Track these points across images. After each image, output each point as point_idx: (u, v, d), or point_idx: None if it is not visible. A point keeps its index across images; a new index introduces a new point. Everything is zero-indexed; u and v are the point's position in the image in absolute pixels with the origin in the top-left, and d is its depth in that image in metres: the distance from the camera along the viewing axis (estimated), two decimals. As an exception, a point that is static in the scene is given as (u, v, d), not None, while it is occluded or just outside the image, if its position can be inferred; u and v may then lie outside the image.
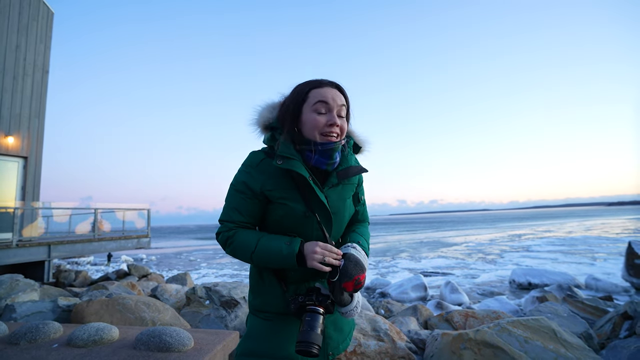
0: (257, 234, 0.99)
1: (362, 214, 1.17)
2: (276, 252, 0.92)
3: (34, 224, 8.89)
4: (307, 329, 0.85)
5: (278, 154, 0.97)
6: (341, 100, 0.99)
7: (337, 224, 1.04)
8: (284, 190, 0.98)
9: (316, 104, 0.97)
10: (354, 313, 0.97)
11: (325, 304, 0.92)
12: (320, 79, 1.02)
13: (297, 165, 0.95)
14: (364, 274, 0.93)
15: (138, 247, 10.13)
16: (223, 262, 20.15)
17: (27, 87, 9.15)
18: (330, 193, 1.02)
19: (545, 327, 2.34)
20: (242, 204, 1.01)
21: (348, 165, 1.04)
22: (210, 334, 1.94)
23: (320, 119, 0.96)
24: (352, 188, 1.09)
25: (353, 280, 0.90)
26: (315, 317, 0.88)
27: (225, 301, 3.60)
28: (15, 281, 3.58)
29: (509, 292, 10.05)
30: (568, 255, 17.89)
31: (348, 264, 0.92)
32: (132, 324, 2.72)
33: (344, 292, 0.93)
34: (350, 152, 1.09)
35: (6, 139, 8.56)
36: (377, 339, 2.54)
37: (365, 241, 1.07)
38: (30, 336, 1.73)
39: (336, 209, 1.02)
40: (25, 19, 9.16)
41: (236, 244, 0.98)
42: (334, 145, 0.98)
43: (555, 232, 34.84)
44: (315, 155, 0.98)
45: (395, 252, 23.21)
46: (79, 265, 18.26)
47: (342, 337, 1.06)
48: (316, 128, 0.97)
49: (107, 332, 1.76)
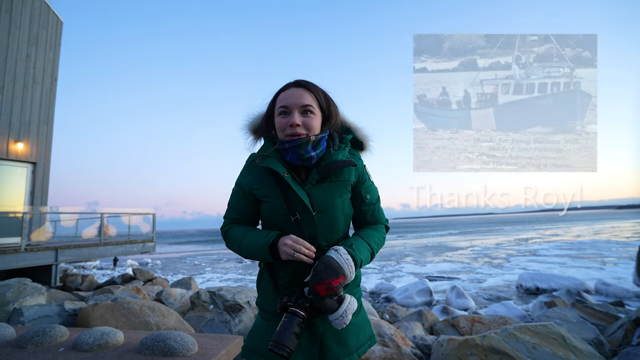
0: (245, 229, 1.05)
1: (372, 215, 1.11)
2: (254, 244, 0.98)
3: (42, 228, 9.00)
4: (281, 329, 0.86)
5: (258, 153, 1.05)
6: (303, 99, 1.00)
7: (325, 223, 1.00)
8: (268, 188, 1.02)
9: (279, 108, 1.02)
10: (342, 322, 0.90)
11: (304, 307, 0.90)
12: (290, 81, 1.06)
13: (273, 162, 0.99)
14: (339, 279, 0.89)
15: (143, 251, 10.20)
16: (228, 267, 20.17)
17: (36, 94, 9.32)
18: (314, 190, 1.00)
19: (554, 333, 2.30)
20: (236, 202, 1.10)
21: (332, 160, 1.01)
22: (214, 339, 1.94)
23: (282, 121, 1.01)
24: (345, 185, 1.04)
25: (324, 283, 0.87)
26: (291, 318, 0.87)
27: (229, 306, 3.60)
28: (23, 285, 3.62)
29: (516, 297, 9.91)
30: (577, 260, 17.62)
31: (319, 265, 0.90)
32: (137, 328, 2.73)
33: (319, 296, 0.88)
34: (343, 147, 1.06)
35: (16, 145, 8.70)
36: (381, 344, 2.52)
37: (366, 243, 1.01)
38: (37, 340, 1.74)
39: (322, 207, 1.00)
40: (35, 29, 9.35)
41: (229, 238, 1.07)
42: (299, 142, 0.99)
43: (562, 236, 34.36)
44: (289, 152, 1.01)
45: (400, 256, 23.04)
46: (86, 270, 18.40)
47: (346, 350, 1.02)
48: (281, 130, 1.02)
49: (112, 336, 1.77)
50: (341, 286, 0.90)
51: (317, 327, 1.00)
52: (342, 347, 1.01)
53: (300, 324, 0.88)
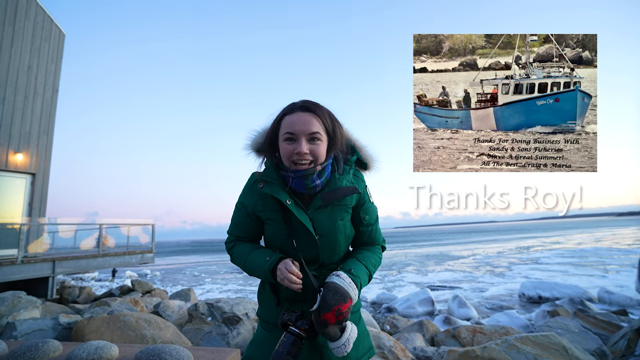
0: (249, 248, 1.06)
1: (370, 235, 1.11)
2: (258, 266, 0.99)
3: (40, 240, 8.94)
4: (280, 349, 0.87)
5: (260, 178, 1.03)
6: (311, 126, 0.96)
7: (327, 247, 1.01)
8: (272, 211, 1.03)
9: (285, 133, 0.97)
10: (344, 351, 0.89)
11: (303, 328, 0.90)
12: (295, 102, 1.01)
13: (275, 190, 0.99)
14: (347, 303, 0.88)
15: (142, 262, 10.11)
16: (227, 278, 19.99)
17: (37, 105, 9.38)
18: (316, 215, 1.01)
19: (556, 343, 2.26)
20: (240, 221, 1.10)
21: (336, 186, 1.01)
22: (210, 352, 1.91)
23: (288, 147, 0.97)
24: (346, 209, 1.05)
25: (333, 310, 0.86)
26: (290, 338, 0.88)
27: (227, 317, 3.55)
28: (17, 298, 3.57)
29: (519, 306, 9.81)
30: (579, 268, 17.49)
31: (326, 293, 0.89)
32: (133, 341, 2.68)
33: (327, 325, 0.87)
34: (347, 170, 1.06)
35: (15, 156, 8.72)
36: (381, 356, 2.48)
37: (363, 267, 1.01)
38: (30, 355, 1.71)
39: (325, 231, 1.00)
40: (37, 41, 9.47)
41: (234, 255, 1.09)
42: (305, 173, 0.97)
43: (564, 244, 34.19)
44: (293, 181, 0.99)
45: (401, 265, 22.87)
46: (84, 281, 18.22)
47: None
48: (286, 157, 0.98)
49: (107, 350, 1.74)
50: (349, 311, 0.89)
51: (318, 338, 1.00)
52: (342, 358, 1.01)
53: (297, 344, 0.88)
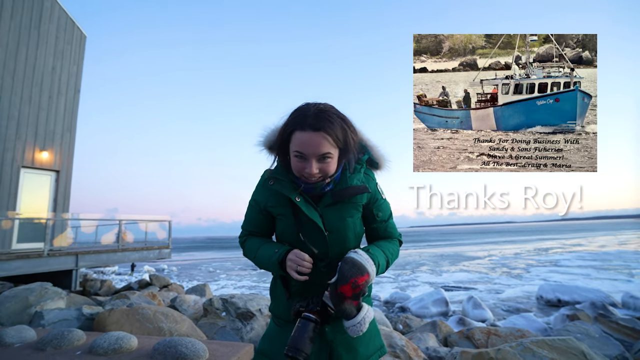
0: (259, 242, 1.09)
1: (386, 231, 1.12)
2: (267, 258, 1.02)
3: (64, 234, 9.32)
4: (296, 334, 0.87)
5: (271, 175, 1.06)
6: (321, 148, 0.93)
7: (336, 243, 1.03)
8: (283, 207, 1.05)
9: (295, 151, 0.96)
10: (359, 330, 0.89)
11: (316, 310, 0.91)
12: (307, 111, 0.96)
13: (285, 187, 1.01)
14: (364, 277, 0.88)
15: (159, 257, 10.40)
16: (242, 274, 20.29)
17: (60, 105, 9.76)
18: (326, 211, 1.03)
19: (574, 348, 2.21)
20: (252, 216, 1.14)
21: (347, 185, 1.02)
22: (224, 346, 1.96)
23: (299, 165, 0.97)
24: (356, 207, 1.06)
25: (350, 282, 0.87)
26: (305, 323, 0.88)
27: (241, 313, 3.62)
28: (44, 289, 3.75)
29: (537, 309, 9.56)
30: (601, 271, 16.87)
31: (343, 266, 0.90)
32: (151, 333, 2.78)
33: (344, 299, 0.88)
34: (358, 169, 1.07)
35: (41, 154, 9.10)
36: (393, 355, 2.48)
37: (380, 250, 1.02)
38: (56, 343, 1.80)
39: (334, 228, 1.02)
40: (61, 44, 9.85)
41: (246, 249, 1.14)
42: (314, 185, 0.99)
43: (585, 246, 33.02)
44: (303, 184, 1.01)
45: (415, 265, 22.64)
46: (104, 275, 18.87)
47: (356, 359, 1.02)
48: (296, 171, 0.99)
49: (126, 341, 1.81)
50: (366, 284, 0.89)
51: (327, 334, 1.01)
52: (351, 355, 1.02)
53: (314, 329, 0.88)
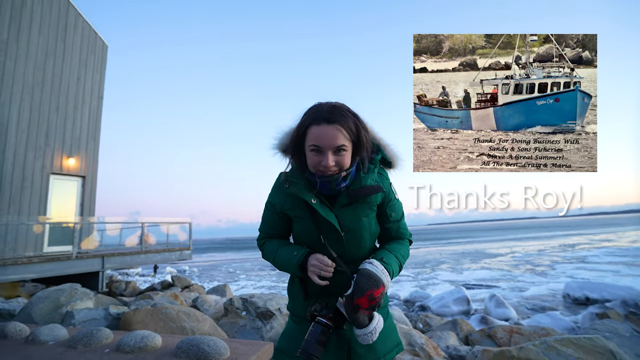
0: (277, 244, 1.11)
1: (397, 231, 1.14)
2: (287, 261, 1.05)
3: (90, 237, 9.73)
4: (308, 338, 0.90)
5: (286, 178, 1.07)
6: (337, 140, 0.97)
7: (353, 243, 1.04)
8: (299, 209, 1.07)
9: (311, 145, 0.99)
10: (369, 339, 0.92)
11: (329, 317, 0.93)
12: (321, 108, 1.00)
13: (301, 190, 1.03)
14: (380, 289, 0.90)
15: (181, 259, 10.68)
16: (262, 274, 20.55)
17: (85, 113, 10.19)
18: (342, 212, 1.04)
19: (601, 347, 2.13)
20: (270, 218, 1.16)
21: (361, 185, 1.03)
22: (245, 345, 2.01)
23: (315, 158, 0.99)
24: (371, 206, 1.07)
25: (366, 295, 0.88)
26: (318, 328, 0.91)
27: (261, 312, 3.68)
28: (74, 290, 3.94)
29: (563, 308, 9.22)
30: (633, 268, 16.07)
31: (360, 278, 0.91)
32: (174, 332, 2.87)
33: (358, 310, 0.89)
34: (372, 169, 1.07)
35: (68, 160, 9.53)
36: (412, 353, 2.46)
37: (394, 257, 1.03)
38: (86, 341, 1.90)
39: (350, 228, 1.03)
40: (85, 54, 10.28)
41: (265, 252, 1.16)
42: (330, 179, 1.00)
43: (615, 242, 31.53)
44: (318, 182, 1.02)
45: (435, 263, 22.27)
46: (129, 276, 19.53)
47: (374, 356, 1.04)
48: (312, 166, 1.01)
49: (151, 339, 1.88)
50: (381, 297, 0.91)
51: (346, 331, 1.03)
52: (369, 352, 1.04)
53: (326, 333, 0.91)
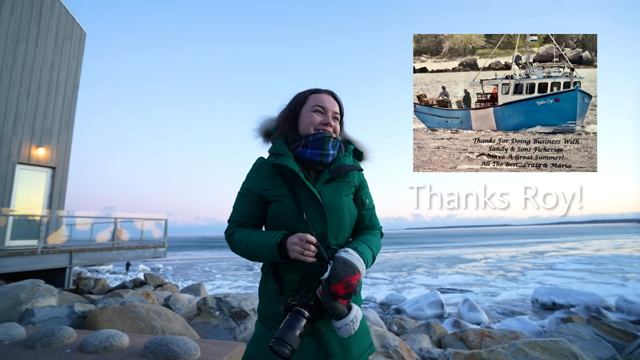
0: (250, 231, 1.06)
1: (370, 220, 1.16)
2: (262, 245, 0.99)
3: (58, 231, 9.25)
4: (284, 327, 0.84)
5: (271, 152, 1.09)
6: (336, 108, 1.12)
7: (335, 221, 1.03)
8: (278, 188, 1.05)
9: (314, 106, 1.10)
10: (350, 329, 0.90)
11: (308, 305, 0.89)
12: (320, 88, 1.15)
13: (288, 161, 1.03)
14: (357, 275, 0.89)
15: (155, 256, 10.34)
16: (238, 274, 20.23)
17: (58, 101, 9.70)
18: (324, 189, 1.06)
19: (565, 350, 2.22)
20: (242, 205, 1.11)
21: (342, 164, 1.10)
22: (217, 345, 1.95)
23: (317, 117, 1.09)
24: (350, 186, 1.12)
25: (343, 282, 0.87)
26: (296, 317, 0.86)
27: (235, 312, 3.61)
28: (36, 286, 3.72)
29: (532, 312, 9.59)
30: (596, 275, 16.96)
31: (336, 265, 0.90)
32: (143, 332, 2.76)
33: (335, 298, 0.88)
34: (348, 155, 1.15)
35: (37, 150, 9.04)
36: (385, 355, 2.47)
37: (367, 247, 1.03)
38: (46, 340, 1.79)
39: (332, 205, 1.04)
40: (60, 40, 9.80)
41: (235, 241, 1.07)
42: (325, 134, 1.07)
43: (581, 250, 33.18)
44: (308, 149, 1.06)
45: (412, 267, 22.65)
46: (99, 273, 18.75)
47: (349, 357, 1.02)
48: (312, 124, 1.08)
49: (118, 339, 1.80)
50: (358, 284, 0.89)
51: (323, 334, 1.00)
52: (345, 353, 1.01)
53: (305, 325, 0.85)
